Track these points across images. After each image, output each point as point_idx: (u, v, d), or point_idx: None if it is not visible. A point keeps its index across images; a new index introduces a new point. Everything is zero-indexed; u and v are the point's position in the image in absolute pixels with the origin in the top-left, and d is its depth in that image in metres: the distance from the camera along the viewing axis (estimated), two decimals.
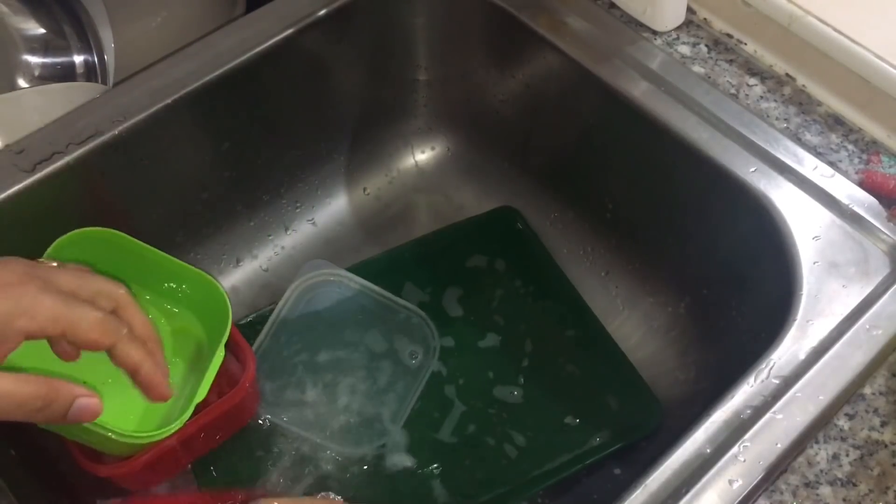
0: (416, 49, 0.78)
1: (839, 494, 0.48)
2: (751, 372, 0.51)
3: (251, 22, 0.68)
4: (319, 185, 0.80)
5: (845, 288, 0.55)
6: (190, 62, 0.65)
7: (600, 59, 0.66)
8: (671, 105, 0.63)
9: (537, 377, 0.70)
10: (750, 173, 0.60)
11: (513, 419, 0.68)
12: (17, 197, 0.58)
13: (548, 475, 0.65)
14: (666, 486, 0.47)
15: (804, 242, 0.57)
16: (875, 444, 0.50)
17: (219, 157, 0.71)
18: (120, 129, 0.61)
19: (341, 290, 0.73)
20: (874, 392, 0.51)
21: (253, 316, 0.71)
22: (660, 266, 0.72)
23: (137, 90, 0.63)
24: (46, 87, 0.69)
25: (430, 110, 0.82)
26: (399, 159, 0.83)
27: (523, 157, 0.80)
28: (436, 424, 0.68)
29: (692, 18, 0.69)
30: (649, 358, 0.71)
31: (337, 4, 0.69)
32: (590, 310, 0.73)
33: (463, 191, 0.82)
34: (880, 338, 0.52)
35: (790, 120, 0.63)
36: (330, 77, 0.75)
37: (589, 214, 0.76)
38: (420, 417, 0.68)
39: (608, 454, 0.65)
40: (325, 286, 0.72)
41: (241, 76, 0.66)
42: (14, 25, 0.73)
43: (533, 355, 0.71)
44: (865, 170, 0.60)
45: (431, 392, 0.69)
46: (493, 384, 0.70)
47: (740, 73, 0.66)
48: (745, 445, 0.48)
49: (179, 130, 0.66)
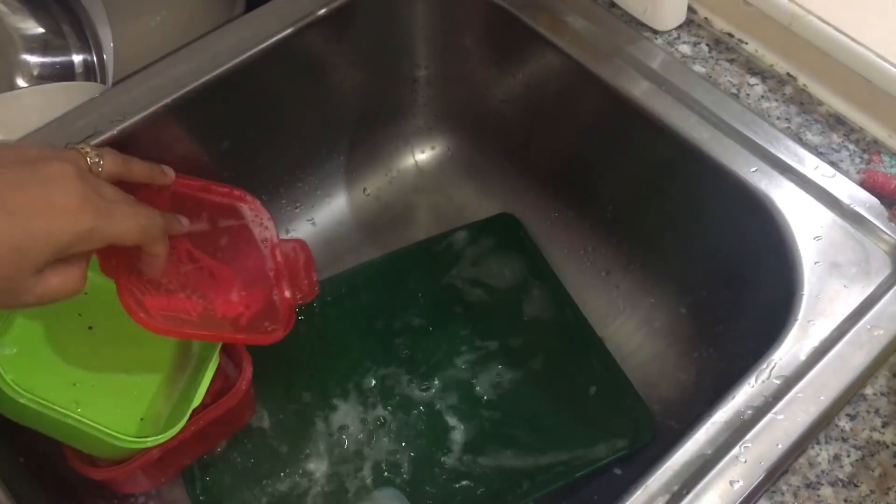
0: (416, 49, 0.78)
1: (840, 495, 0.48)
2: (752, 372, 0.51)
3: (251, 22, 0.68)
4: (319, 185, 0.80)
5: (846, 288, 0.55)
6: (189, 62, 0.65)
7: (601, 58, 0.66)
8: (672, 105, 0.63)
9: (530, 387, 0.70)
10: (751, 173, 0.60)
11: (505, 429, 0.68)
12: None
13: (536, 487, 0.65)
14: (667, 487, 0.47)
15: (805, 242, 0.57)
16: (876, 445, 0.49)
17: (218, 157, 0.70)
18: (119, 128, 0.61)
19: None
20: (875, 392, 0.51)
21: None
22: (660, 266, 0.72)
23: (137, 90, 0.63)
24: (45, 86, 0.69)
25: (430, 110, 0.82)
26: (399, 159, 0.83)
27: (523, 156, 0.80)
28: (434, 433, 0.68)
29: (693, 18, 0.69)
30: (650, 358, 0.71)
31: (337, 4, 0.69)
32: (587, 321, 0.72)
33: (463, 191, 0.82)
34: (882, 338, 0.52)
35: (791, 119, 0.63)
36: (330, 77, 0.75)
37: (589, 214, 0.76)
38: (415, 427, 0.68)
39: (600, 466, 0.65)
40: None
41: (241, 76, 0.66)
42: (13, 25, 0.73)
43: (528, 365, 0.71)
44: (867, 170, 0.60)
45: (425, 401, 0.69)
46: (485, 392, 0.69)
47: (741, 72, 0.66)
48: (746, 446, 0.48)
49: (178, 130, 0.65)
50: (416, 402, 0.69)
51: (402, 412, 0.68)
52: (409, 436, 0.67)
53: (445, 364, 0.71)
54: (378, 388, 0.70)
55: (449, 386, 0.70)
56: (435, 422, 0.68)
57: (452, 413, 0.69)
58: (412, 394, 0.69)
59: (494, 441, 0.67)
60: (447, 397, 0.69)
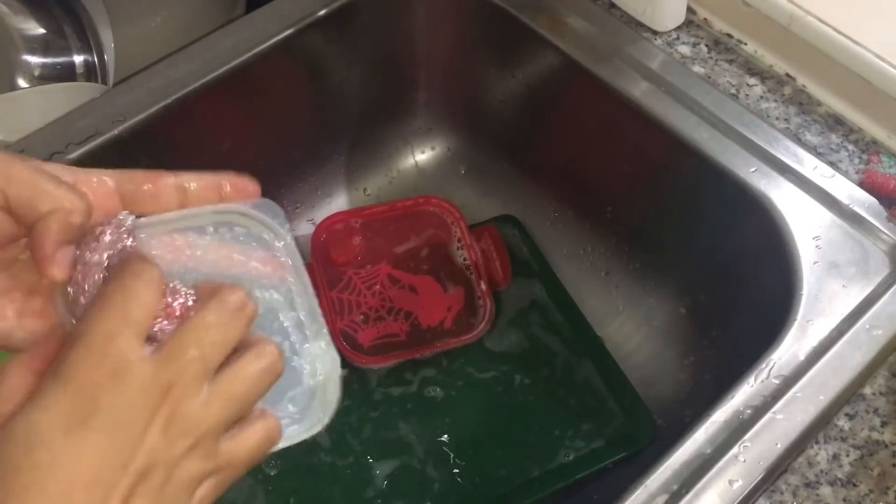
0: (416, 49, 0.78)
1: (839, 494, 0.48)
2: (751, 372, 0.51)
3: (251, 22, 0.68)
4: (319, 185, 0.80)
5: (845, 288, 0.55)
6: (190, 62, 0.65)
7: (600, 59, 0.66)
8: (671, 105, 0.63)
9: (530, 387, 0.70)
10: (750, 173, 0.60)
11: (504, 430, 0.68)
12: None
13: (536, 488, 0.65)
14: (666, 486, 0.47)
15: (804, 242, 0.57)
16: (875, 445, 0.50)
17: (219, 157, 0.70)
18: (120, 129, 0.61)
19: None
20: (874, 392, 0.51)
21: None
22: (660, 266, 0.72)
23: (137, 90, 0.63)
24: (46, 87, 0.69)
25: (430, 110, 0.82)
26: (399, 159, 0.83)
27: (523, 156, 0.80)
28: (432, 433, 0.68)
29: (692, 18, 0.69)
30: (649, 358, 0.71)
31: (337, 4, 0.69)
32: (586, 321, 0.72)
33: (463, 191, 0.82)
34: (880, 338, 0.52)
35: (790, 120, 0.63)
36: (330, 77, 0.75)
37: (589, 214, 0.76)
38: (415, 427, 0.68)
39: (599, 468, 0.65)
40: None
41: (241, 76, 0.66)
42: (14, 25, 0.73)
43: (527, 366, 0.71)
44: (866, 170, 0.60)
45: (425, 400, 0.69)
46: (484, 393, 0.70)
47: (740, 73, 0.66)
48: (746, 445, 0.48)
49: (179, 130, 0.66)
50: (417, 402, 0.69)
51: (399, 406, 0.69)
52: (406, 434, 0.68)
53: (445, 363, 0.71)
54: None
55: (447, 383, 0.70)
56: (434, 421, 0.68)
57: (452, 413, 0.69)
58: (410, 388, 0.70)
59: (493, 442, 0.67)
60: (445, 394, 0.69)
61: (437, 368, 0.71)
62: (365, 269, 0.72)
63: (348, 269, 0.72)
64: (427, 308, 0.71)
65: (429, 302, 0.72)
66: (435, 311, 0.71)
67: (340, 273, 0.72)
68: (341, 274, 0.72)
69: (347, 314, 0.70)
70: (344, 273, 0.72)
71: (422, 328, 0.71)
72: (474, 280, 0.72)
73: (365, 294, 0.71)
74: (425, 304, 0.72)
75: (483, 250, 0.73)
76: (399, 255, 0.73)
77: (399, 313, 0.71)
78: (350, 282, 0.72)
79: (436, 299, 0.72)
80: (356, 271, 0.72)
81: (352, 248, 0.72)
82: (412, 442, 0.67)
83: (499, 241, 0.74)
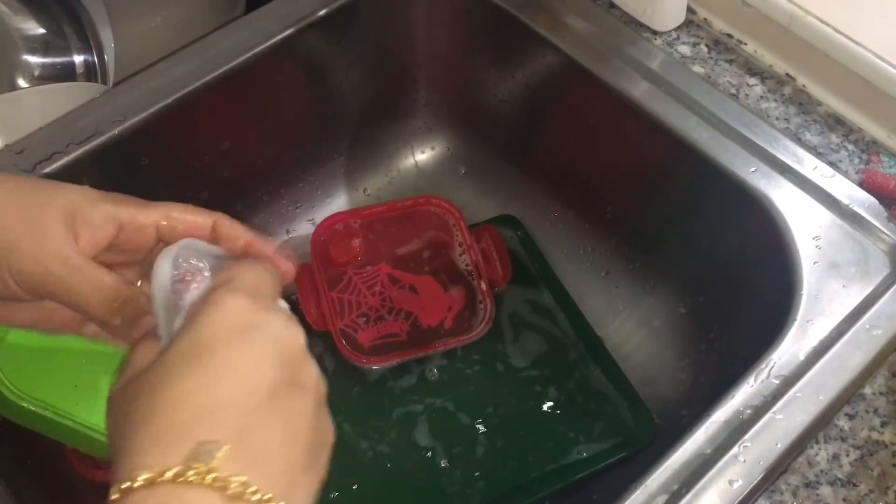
0: (416, 49, 0.78)
1: (839, 494, 0.48)
2: (751, 372, 0.51)
3: (251, 22, 0.68)
4: (319, 185, 0.80)
5: (845, 288, 0.55)
6: (190, 62, 0.65)
7: (600, 58, 0.66)
8: (671, 105, 0.63)
9: (529, 387, 0.70)
10: (750, 173, 0.60)
11: (504, 430, 0.68)
12: None
13: (536, 488, 0.65)
14: (666, 486, 0.47)
15: (804, 242, 0.57)
16: (875, 445, 0.50)
17: (219, 157, 0.70)
18: (120, 129, 0.61)
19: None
20: (874, 392, 0.51)
21: None
22: (660, 266, 0.72)
23: (137, 90, 0.63)
24: (46, 87, 0.69)
25: (430, 110, 0.82)
26: (399, 159, 0.83)
27: (523, 156, 0.80)
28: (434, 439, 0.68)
29: (692, 18, 0.69)
30: (649, 358, 0.71)
31: (337, 4, 0.69)
32: (588, 324, 0.72)
33: (463, 191, 0.82)
34: (880, 338, 0.52)
35: (790, 120, 0.63)
36: (330, 77, 0.75)
37: (589, 214, 0.76)
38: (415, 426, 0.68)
39: (599, 468, 0.65)
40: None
41: (241, 76, 0.66)
42: (14, 25, 0.73)
43: (527, 366, 0.71)
44: (866, 170, 0.60)
45: (426, 401, 0.69)
46: (484, 393, 0.70)
47: (740, 73, 0.66)
48: (746, 445, 0.48)
49: (179, 130, 0.66)
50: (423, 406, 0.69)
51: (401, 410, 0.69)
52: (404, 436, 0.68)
53: (445, 363, 0.71)
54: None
55: (448, 385, 0.70)
56: (433, 421, 0.68)
57: (451, 413, 0.69)
58: (412, 392, 0.70)
59: (493, 442, 0.67)
60: (445, 394, 0.69)
61: (437, 368, 0.71)
62: (365, 270, 0.72)
63: (348, 269, 0.72)
64: (427, 308, 0.71)
65: (429, 302, 0.72)
66: (435, 311, 0.71)
67: (340, 273, 0.72)
68: (341, 274, 0.72)
69: (347, 314, 0.70)
70: (344, 273, 0.72)
71: (422, 328, 0.71)
72: (474, 280, 0.72)
73: (365, 294, 0.71)
74: (425, 304, 0.72)
75: (483, 250, 0.73)
76: (399, 255, 0.73)
77: (399, 313, 0.71)
78: (350, 282, 0.72)
79: (436, 299, 0.72)
80: (356, 271, 0.72)
81: (352, 249, 0.72)
82: (411, 442, 0.67)
83: (499, 242, 0.74)
